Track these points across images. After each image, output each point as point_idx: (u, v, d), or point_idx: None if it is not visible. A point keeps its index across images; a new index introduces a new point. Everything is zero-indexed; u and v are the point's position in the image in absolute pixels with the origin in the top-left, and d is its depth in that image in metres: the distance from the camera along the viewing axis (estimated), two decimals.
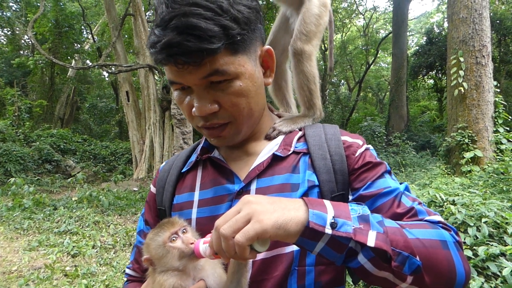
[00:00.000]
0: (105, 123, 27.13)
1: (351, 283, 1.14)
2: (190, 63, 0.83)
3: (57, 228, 7.06)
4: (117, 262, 5.56)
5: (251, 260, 0.89)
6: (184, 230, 0.88)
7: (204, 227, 0.96)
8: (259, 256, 0.86)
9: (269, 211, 0.71)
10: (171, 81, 0.93)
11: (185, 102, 0.95)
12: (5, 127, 14.50)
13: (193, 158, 1.15)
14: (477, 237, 3.80)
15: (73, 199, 9.33)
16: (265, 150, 1.04)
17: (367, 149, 1.04)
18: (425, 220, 0.87)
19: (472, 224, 3.97)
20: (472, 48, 7.97)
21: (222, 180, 1.03)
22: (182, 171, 1.14)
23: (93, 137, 21.69)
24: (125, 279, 1.22)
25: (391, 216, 0.86)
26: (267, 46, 1.02)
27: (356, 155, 1.00)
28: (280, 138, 1.08)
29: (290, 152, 1.02)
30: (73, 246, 6.06)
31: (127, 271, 1.20)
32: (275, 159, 1.01)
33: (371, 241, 0.69)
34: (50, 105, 22.08)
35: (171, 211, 1.09)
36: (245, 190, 0.97)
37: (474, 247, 3.63)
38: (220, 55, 0.84)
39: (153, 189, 1.20)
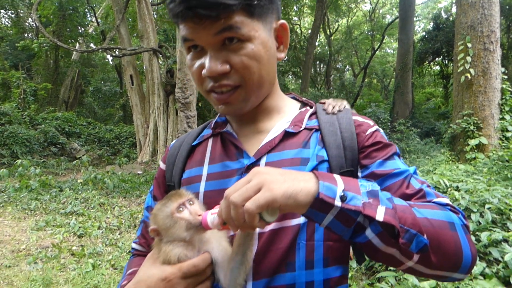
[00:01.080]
0: (109, 106, 27.19)
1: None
2: (207, 16, 0.84)
3: (63, 209, 7.16)
4: (122, 243, 5.65)
5: (257, 233, 0.90)
6: (191, 202, 0.89)
7: (211, 200, 0.97)
8: (267, 228, 0.87)
9: (280, 181, 0.71)
10: (184, 38, 0.92)
11: (196, 65, 0.95)
12: (11, 110, 14.56)
13: (206, 132, 1.15)
14: (480, 223, 3.83)
15: (79, 181, 9.42)
16: (276, 127, 1.04)
17: (377, 130, 1.03)
18: (434, 202, 0.87)
19: (476, 210, 4.00)
20: (480, 33, 7.87)
21: (232, 155, 1.03)
22: (193, 144, 1.14)
23: (97, 121, 21.76)
24: (132, 253, 1.23)
25: (399, 196, 0.85)
26: (282, 21, 1.01)
27: (367, 133, 1.00)
28: (292, 115, 1.08)
29: (302, 128, 1.02)
30: (79, 227, 6.15)
31: (134, 245, 1.21)
32: (286, 136, 1.01)
33: (379, 216, 0.69)
34: (54, 88, 22.10)
35: (180, 186, 1.08)
36: (255, 165, 0.97)
37: (477, 233, 3.66)
38: (236, 13, 0.85)
39: (162, 165, 1.20)
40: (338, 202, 0.70)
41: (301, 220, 0.91)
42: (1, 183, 9.33)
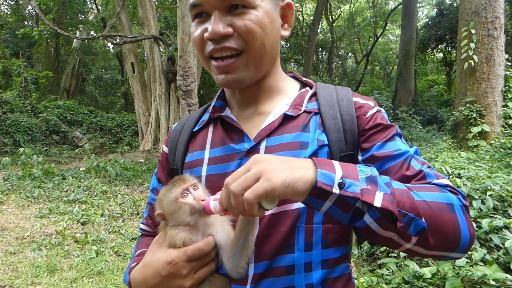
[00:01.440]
0: (110, 95, 27.12)
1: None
2: None
3: (66, 197, 7.21)
4: (125, 230, 5.70)
5: (258, 218, 0.92)
6: (195, 187, 0.91)
7: (213, 184, 0.98)
8: (266, 213, 0.89)
9: (278, 169, 0.72)
10: (193, 4, 0.95)
11: (199, 30, 0.97)
12: (12, 98, 14.54)
13: (205, 117, 1.16)
14: (481, 210, 3.84)
15: (81, 169, 9.47)
16: (276, 110, 1.04)
17: (378, 111, 1.03)
18: (433, 183, 0.87)
19: (477, 197, 4.01)
20: (484, 19, 7.79)
21: (232, 139, 1.04)
22: (194, 130, 1.15)
23: (99, 109, 21.75)
24: (140, 233, 1.27)
25: (399, 179, 0.87)
26: (289, 0, 1.04)
27: (367, 116, 1.00)
28: (291, 97, 1.08)
29: (301, 111, 1.02)
30: (82, 214, 6.21)
31: (142, 226, 1.25)
32: (286, 119, 1.01)
33: (377, 202, 0.70)
34: (55, 76, 22.03)
35: (183, 169, 1.11)
36: (255, 149, 0.98)
37: (478, 220, 3.67)
38: None
39: (165, 148, 1.22)
40: (336, 190, 0.71)
41: (301, 204, 0.92)
42: (4, 171, 9.39)
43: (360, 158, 0.98)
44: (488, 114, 7.91)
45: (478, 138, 7.89)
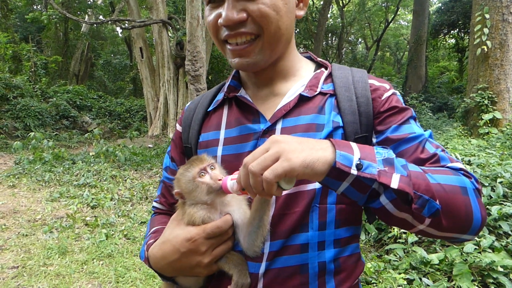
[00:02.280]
0: (119, 80, 27.19)
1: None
2: None
3: (76, 181, 7.30)
4: (134, 214, 5.77)
5: (274, 198, 0.93)
6: (212, 167, 0.93)
7: (229, 164, 1.00)
8: (284, 193, 0.89)
9: (298, 150, 0.72)
10: None
11: (213, 14, 0.96)
12: (22, 83, 14.64)
13: (220, 97, 1.15)
14: (491, 197, 3.82)
15: (91, 154, 9.55)
16: (292, 91, 1.04)
17: (393, 93, 1.03)
18: (447, 167, 0.88)
19: (487, 184, 3.97)
20: (499, 3, 7.62)
21: (248, 119, 1.04)
22: (208, 110, 1.15)
23: (108, 94, 21.84)
24: (153, 211, 1.28)
25: (414, 161, 0.88)
26: None
27: (383, 98, 1.00)
28: (307, 78, 1.07)
29: (317, 92, 1.02)
30: (92, 198, 6.29)
31: (154, 204, 1.26)
32: (301, 100, 1.01)
33: (394, 183, 0.71)
34: (65, 61, 22.12)
35: (197, 148, 1.12)
36: (270, 130, 0.99)
37: (487, 207, 3.65)
38: None
39: (179, 127, 1.22)
40: (354, 171, 0.72)
41: (316, 185, 0.93)
42: (16, 155, 9.52)
43: (374, 140, 0.99)
44: (500, 101, 7.80)
45: (489, 125, 7.80)
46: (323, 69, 1.11)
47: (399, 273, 3.28)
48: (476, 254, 3.10)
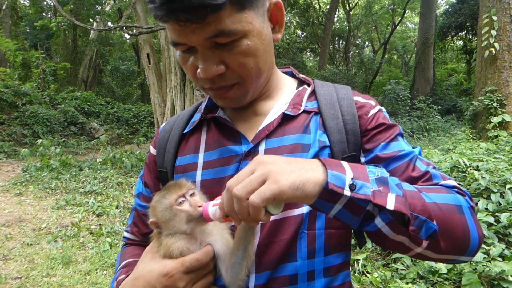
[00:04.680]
0: (127, 85, 27.41)
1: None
2: (193, 20, 0.76)
3: (82, 188, 7.32)
4: None
5: (259, 225, 0.88)
6: (192, 193, 0.85)
7: (209, 189, 0.93)
8: (271, 218, 0.83)
9: (286, 171, 0.67)
10: (174, 42, 0.85)
11: (189, 63, 0.89)
12: (31, 90, 14.80)
13: (196, 117, 1.08)
14: (500, 204, 3.73)
15: (97, 160, 9.58)
16: (274, 110, 0.99)
17: (380, 110, 0.99)
18: (440, 185, 0.84)
19: (496, 190, 3.88)
20: (507, 5, 7.52)
21: (228, 141, 0.98)
22: (184, 131, 1.08)
23: (116, 100, 22.02)
24: (123, 242, 1.18)
25: (406, 180, 0.82)
26: None
27: (369, 115, 0.96)
28: (289, 96, 1.02)
29: (301, 111, 0.97)
30: (98, 206, 6.29)
31: (125, 234, 1.16)
32: (285, 119, 0.96)
33: (390, 204, 0.67)
34: (73, 67, 22.36)
35: (173, 173, 1.04)
36: (253, 151, 0.93)
37: (496, 214, 3.57)
38: (225, 12, 0.77)
39: (153, 150, 1.15)
40: (347, 192, 0.67)
41: (304, 209, 0.88)
42: (24, 163, 9.58)
43: (363, 159, 0.95)
44: (509, 104, 7.69)
45: (498, 128, 7.67)
46: (305, 86, 1.06)
47: (407, 283, 3.21)
48: (486, 263, 3.03)
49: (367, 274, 3.50)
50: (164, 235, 0.85)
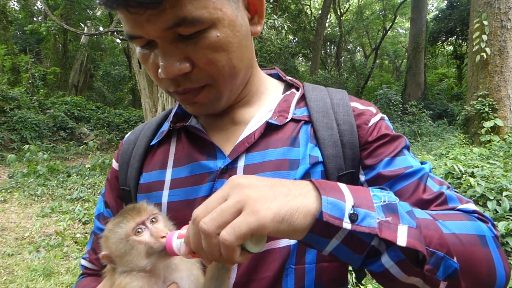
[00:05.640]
0: (118, 90, 27.19)
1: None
2: (146, 6, 0.61)
3: (69, 195, 7.18)
4: None
5: None
6: (154, 219, 0.69)
7: (177, 213, 0.77)
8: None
9: (268, 198, 0.53)
10: (128, 34, 0.70)
11: (150, 61, 0.73)
12: (19, 95, 14.57)
13: (165, 127, 0.92)
14: (497, 211, 3.66)
15: (86, 166, 9.43)
16: (256, 118, 0.84)
17: (382, 118, 0.85)
18: (458, 209, 0.70)
19: (492, 198, 3.82)
20: (497, 10, 7.54)
21: (201, 155, 0.82)
22: (151, 143, 0.92)
23: (107, 105, 21.81)
24: (81, 271, 0.99)
25: (415, 203, 0.70)
26: None
27: (370, 125, 0.82)
28: (275, 102, 0.87)
29: (288, 119, 0.82)
30: (84, 213, 6.15)
31: (83, 262, 0.98)
32: (269, 129, 0.81)
33: (401, 240, 0.53)
34: (64, 72, 22.11)
35: (136, 192, 0.88)
36: (230, 168, 0.78)
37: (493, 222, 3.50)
38: None
39: (115, 164, 0.98)
40: (347, 224, 0.53)
41: (291, 240, 0.73)
42: (10, 169, 9.39)
43: (362, 178, 0.80)
44: (501, 108, 7.69)
45: (490, 133, 7.67)
46: (293, 90, 0.91)
47: None
48: None
49: None
50: (119, 273, 0.67)
